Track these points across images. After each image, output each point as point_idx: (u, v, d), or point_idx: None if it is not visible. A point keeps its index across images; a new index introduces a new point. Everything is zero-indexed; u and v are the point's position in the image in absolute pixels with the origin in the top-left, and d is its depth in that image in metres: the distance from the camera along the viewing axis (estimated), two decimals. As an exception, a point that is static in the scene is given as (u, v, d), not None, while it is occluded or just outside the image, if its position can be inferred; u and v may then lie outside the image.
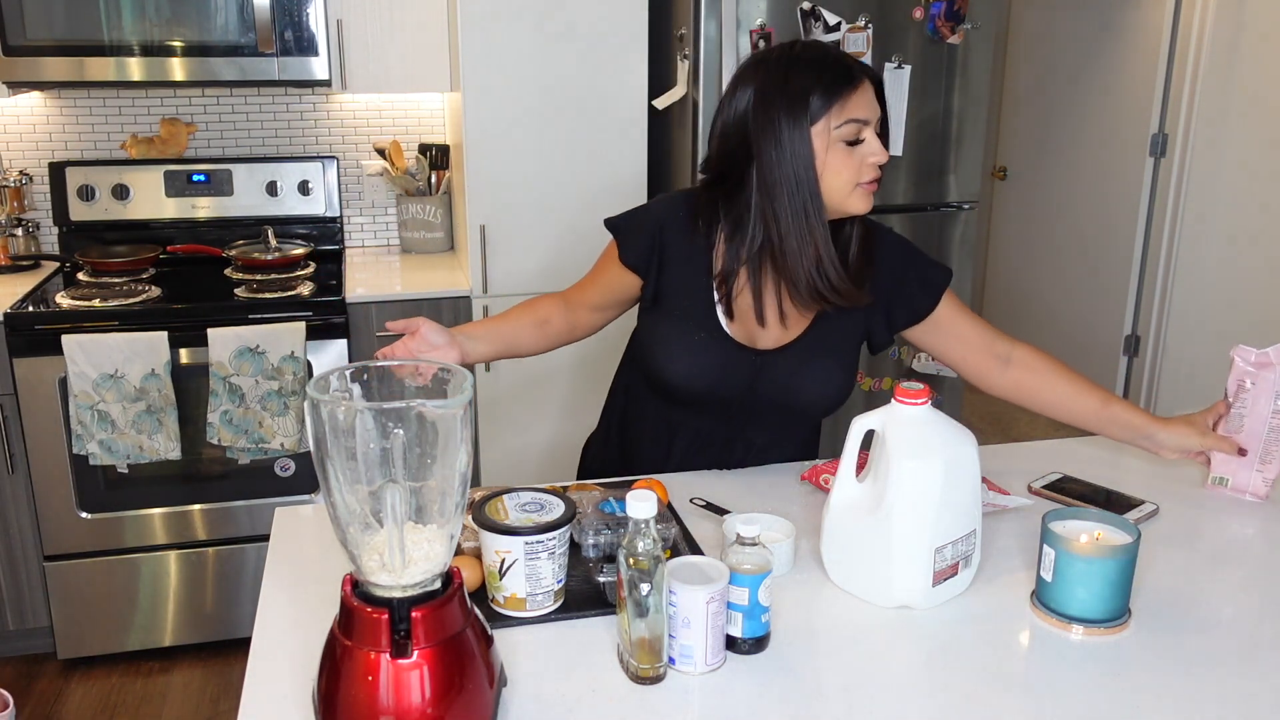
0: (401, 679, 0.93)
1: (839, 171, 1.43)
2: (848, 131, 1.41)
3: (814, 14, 2.59)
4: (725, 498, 1.50)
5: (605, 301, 1.63)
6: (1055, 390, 1.59)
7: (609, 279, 1.61)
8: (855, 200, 1.44)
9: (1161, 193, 4.00)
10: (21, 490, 2.55)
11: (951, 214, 2.88)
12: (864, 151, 1.42)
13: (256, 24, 2.62)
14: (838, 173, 1.43)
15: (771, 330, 1.54)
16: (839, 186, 1.43)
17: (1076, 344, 4.45)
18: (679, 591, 1.06)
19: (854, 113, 1.41)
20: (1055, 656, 1.14)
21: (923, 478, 1.17)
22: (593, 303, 1.64)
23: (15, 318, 2.45)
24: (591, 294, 1.63)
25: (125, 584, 2.63)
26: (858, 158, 1.42)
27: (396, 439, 0.90)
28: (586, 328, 1.67)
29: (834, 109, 1.40)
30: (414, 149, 3.15)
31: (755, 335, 1.54)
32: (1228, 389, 1.54)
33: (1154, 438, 1.56)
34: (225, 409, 2.52)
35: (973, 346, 1.62)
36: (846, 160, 1.42)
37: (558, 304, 1.65)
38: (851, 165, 1.42)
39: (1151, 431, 1.56)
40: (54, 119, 2.94)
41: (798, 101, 1.41)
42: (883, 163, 1.44)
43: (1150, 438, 1.56)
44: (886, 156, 1.44)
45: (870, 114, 1.43)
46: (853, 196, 1.44)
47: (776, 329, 1.54)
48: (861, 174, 1.43)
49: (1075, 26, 4.31)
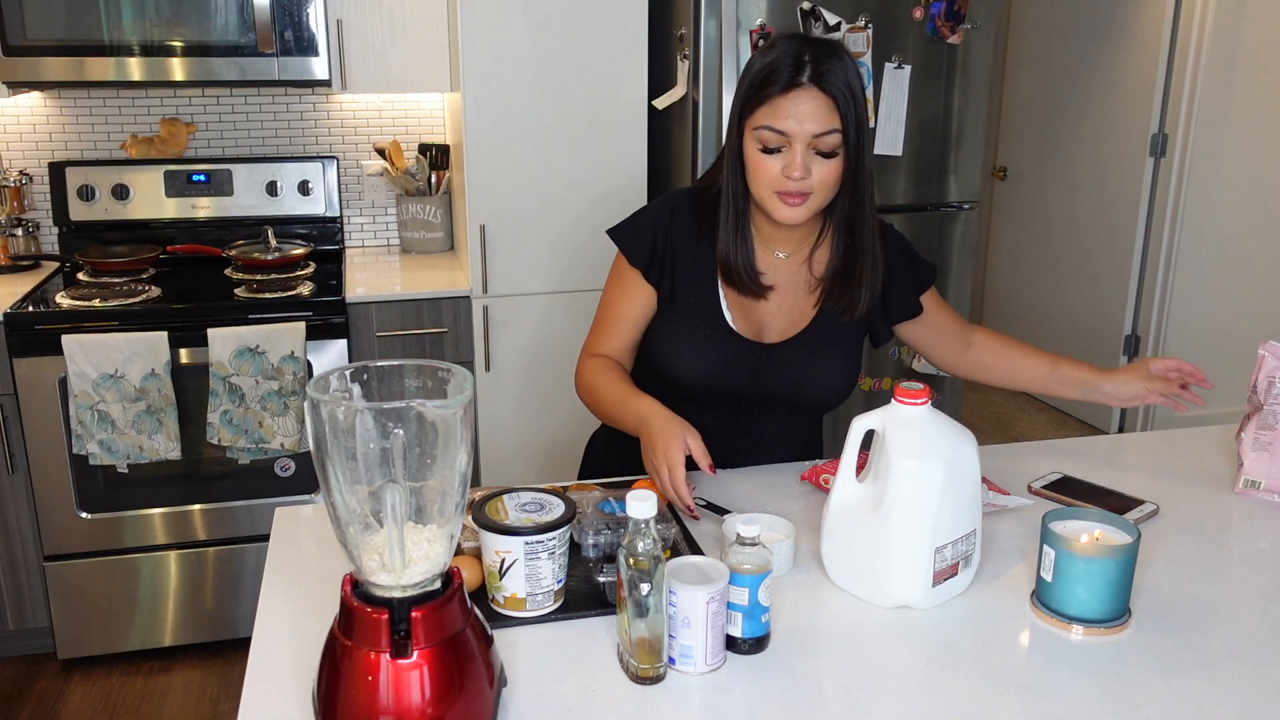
0: (401, 679, 0.93)
1: (754, 172, 1.42)
2: (763, 136, 1.39)
3: (814, 14, 2.59)
4: (725, 497, 1.50)
5: (639, 332, 1.60)
6: (1008, 362, 1.68)
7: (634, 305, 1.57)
8: (773, 206, 1.43)
9: (1161, 193, 4.00)
10: (21, 490, 2.55)
11: (951, 214, 2.88)
12: (783, 162, 1.39)
13: (256, 24, 2.62)
14: (754, 173, 1.42)
15: (776, 324, 1.55)
16: (757, 189, 1.43)
17: (1076, 344, 4.45)
18: (679, 591, 1.06)
19: (772, 119, 1.37)
20: (1055, 656, 1.14)
21: (923, 478, 1.17)
22: (631, 341, 1.60)
23: (15, 318, 2.45)
24: (625, 333, 1.59)
25: (125, 584, 2.63)
26: (775, 166, 1.39)
27: (396, 439, 0.90)
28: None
29: (759, 110, 1.39)
30: (414, 149, 3.15)
31: (762, 330, 1.55)
32: (1256, 385, 1.53)
33: (1101, 389, 1.62)
34: (225, 409, 2.52)
35: (947, 335, 1.69)
36: (763, 163, 1.40)
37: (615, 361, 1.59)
38: (767, 171, 1.40)
39: (1099, 384, 1.62)
40: (54, 119, 2.94)
41: (742, 87, 1.42)
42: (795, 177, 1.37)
43: (1098, 389, 1.62)
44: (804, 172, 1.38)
45: (794, 127, 1.36)
46: (770, 201, 1.42)
47: (782, 323, 1.55)
48: (780, 183, 1.40)
49: (1075, 26, 4.31)
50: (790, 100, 1.36)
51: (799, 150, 1.38)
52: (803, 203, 1.41)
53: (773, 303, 1.55)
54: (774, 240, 1.54)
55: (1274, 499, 1.52)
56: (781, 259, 1.55)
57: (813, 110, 1.36)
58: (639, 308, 1.58)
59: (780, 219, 1.44)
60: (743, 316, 1.55)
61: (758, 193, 1.44)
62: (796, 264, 1.56)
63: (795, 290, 1.56)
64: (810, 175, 1.39)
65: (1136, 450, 1.78)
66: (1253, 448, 1.53)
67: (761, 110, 1.38)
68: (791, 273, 1.56)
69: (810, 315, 1.56)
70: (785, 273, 1.55)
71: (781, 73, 1.37)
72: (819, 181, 1.40)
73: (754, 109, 1.39)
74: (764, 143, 1.39)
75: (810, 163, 1.39)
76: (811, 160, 1.39)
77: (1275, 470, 1.52)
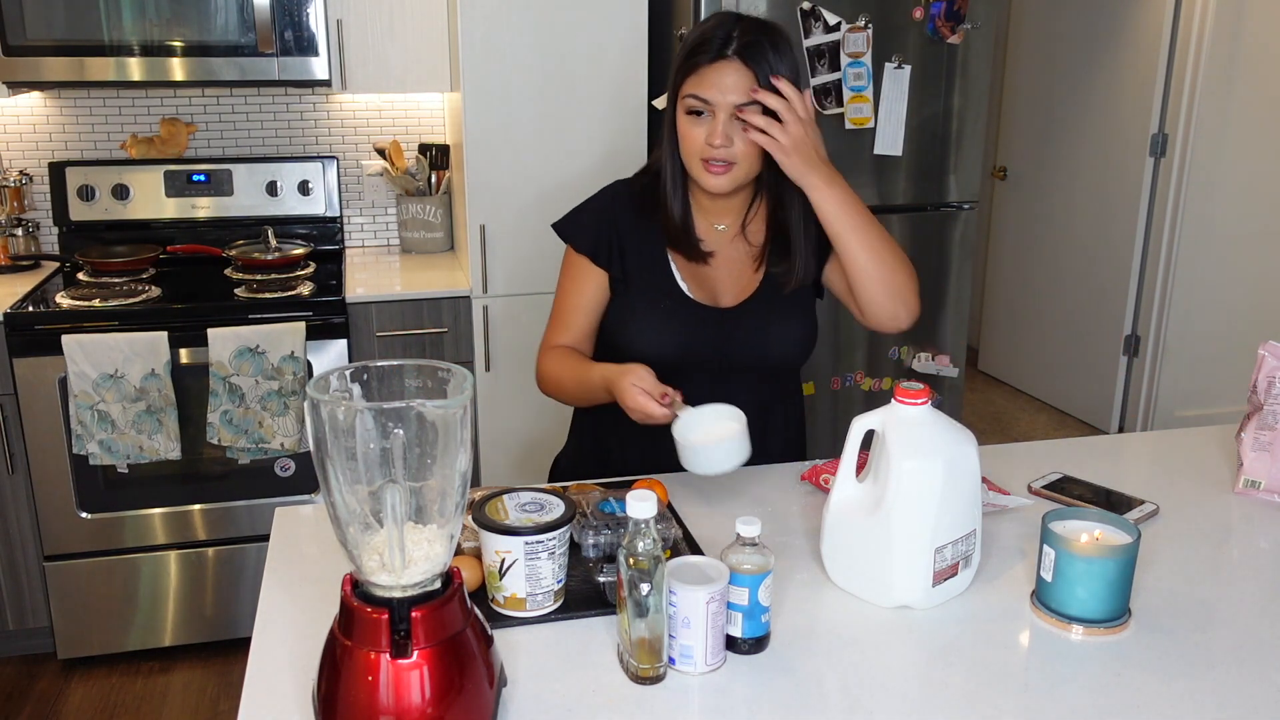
0: (401, 679, 0.93)
1: (683, 141, 1.50)
2: (689, 104, 1.47)
3: (814, 14, 2.59)
4: (725, 497, 1.50)
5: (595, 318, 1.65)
6: None
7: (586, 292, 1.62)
8: (699, 174, 1.50)
9: (1161, 193, 4.00)
10: (21, 490, 2.55)
11: (951, 214, 2.88)
12: (707, 130, 1.46)
13: (256, 24, 2.62)
14: (684, 141, 1.50)
15: (728, 290, 1.61)
16: (686, 156, 1.51)
17: (1076, 344, 4.45)
18: (679, 591, 1.06)
19: (698, 89, 1.45)
20: (1055, 656, 1.14)
21: (923, 478, 1.17)
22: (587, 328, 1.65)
23: (15, 318, 2.45)
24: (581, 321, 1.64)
25: (125, 584, 2.63)
26: (700, 133, 1.47)
27: (396, 439, 0.90)
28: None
29: (686, 80, 1.46)
30: (414, 149, 3.15)
31: (717, 296, 1.61)
32: (1256, 385, 1.53)
33: None
34: (225, 409, 2.52)
35: None
36: (690, 131, 1.48)
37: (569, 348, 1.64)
38: (693, 138, 1.48)
39: None
40: (54, 119, 2.94)
41: (677, 60, 1.49)
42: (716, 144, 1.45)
43: None
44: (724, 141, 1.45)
45: (717, 95, 1.44)
46: (697, 169, 1.50)
47: (733, 288, 1.61)
48: (704, 150, 1.47)
49: (1075, 26, 4.31)
50: (715, 71, 1.44)
51: (721, 119, 1.45)
52: (725, 171, 1.48)
53: (720, 270, 1.61)
54: (711, 212, 1.60)
55: (1274, 499, 1.52)
56: (720, 230, 1.61)
57: (735, 82, 1.43)
58: (591, 293, 1.62)
59: (706, 187, 1.51)
60: (697, 285, 1.60)
61: (686, 160, 1.52)
62: (733, 235, 1.62)
63: (739, 260, 1.62)
64: (732, 144, 1.46)
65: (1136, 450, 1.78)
66: (1253, 448, 1.53)
67: (690, 80, 1.46)
68: (729, 243, 1.62)
69: (758, 281, 1.62)
70: (725, 243, 1.62)
71: (711, 44, 1.45)
72: (741, 152, 1.47)
73: (683, 78, 1.47)
74: (689, 110, 1.48)
75: (732, 132, 1.46)
76: (734, 130, 1.46)
77: (1275, 470, 1.52)
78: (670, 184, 1.56)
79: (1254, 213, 4.04)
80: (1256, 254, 4.09)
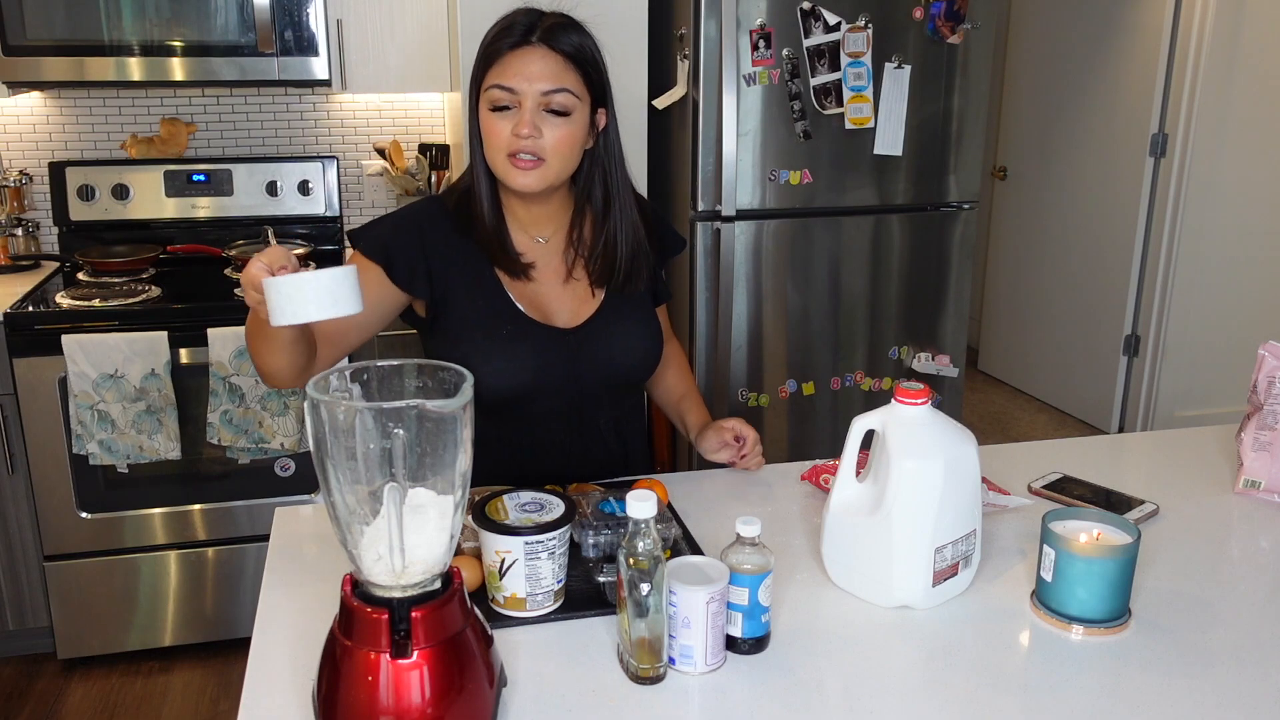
0: (401, 679, 0.93)
1: (488, 136, 1.40)
2: (493, 96, 1.38)
3: (814, 14, 2.59)
4: (725, 498, 1.50)
5: (347, 328, 1.42)
6: (664, 379, 1.72)
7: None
8: (506, 172, 1.40)
9: (1161, 193, 4.00)
10: (21, 490, 2.55)
11: (951, 214, 2.88)
12: (513, 122, 1.38)
13: (256, 24, 2.62)
14: (487, 137, 1.41)
15: (565, 308, 1.52)
16: (492, 154, 1.41)
17: (1076, 344, 4.45)
18: (679, 591, 1.06)
19: (501, 78, 1.37)
20: (1055, 656, 1.14)
21: (923, 478, 1.17)
22: (328, 332, 1.40)
23: (15, 318, 2.45)
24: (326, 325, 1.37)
25: (125, 584, 2.64)
26: (506, 127, 1.38)
27: (396, 439, 0.90)
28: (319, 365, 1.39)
29: (489, 70, 1.39)
30: (414, 149, 3.15)
31: (551, 315, 1.51)
32: (1256, 385, 1.53)
33: (694, 437, 1.64)
34: (225, 409, 2.52)
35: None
36: (494, 126, 1.39)
37: None
38: (498, 133, 1.39)
39: (695, 433, 1.64)
40: (54, 119, 2.94)
41: (479, 54, 1.41)
42: (523, 135, 1.36)
43: (694, 436, 1.64)
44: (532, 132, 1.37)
45: (524, 84, 1.36)
46: (503, 167, 1.41)
47: (572, 304, 1.52)
48: (512, 144, 1.38)
49: (1075, 26, 4.31)
50: (519, 58, 1.37)
51: (529, 108, 1.37)
52: (534, 166, 1.39)
53: (548, 286, 1.52)
54: (528, 222, 1.51)
55: (1274, 499, 1.52)
56: (542, 244, 1.52)
57: (542, 69, 1.37)
58: (370, 305, 1.36)
59: (515, 186, 1.41)
60: (530, 306, 1.50)
61: (492, 159, 1.42)
62: (560, 247, 1.54)
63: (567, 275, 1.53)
64: (541, 136, 1.38)
65: (1136, 450, 1.78)
66: (1253, 448, 1.53)
67: (492, 70, 1.39)
68: (556, 256, 1.53)
69: (599, 298, 1.54)
70: (551, 256, 1.53)
71: (513, 32, 1.39)
72: (551, 145, 1.39)
73: (485, 69, 1.40)
74: (494, 102, 1.38)
75: (541, 123, 1.38)
76: (543, 120, 1.38)
77: (1275, 470, 1.52)
78: (483, 191, 1.45)
79: (1254, 213, 4.04)
80: (1256, 254, 4.09)
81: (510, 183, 1.42)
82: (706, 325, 2.71)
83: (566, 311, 1.52)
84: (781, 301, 2.75)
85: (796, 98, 2.63)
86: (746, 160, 2.64)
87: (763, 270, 2.72)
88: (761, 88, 2.60)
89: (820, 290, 2.77)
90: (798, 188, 2.70)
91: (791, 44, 2.60)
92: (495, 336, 1.47)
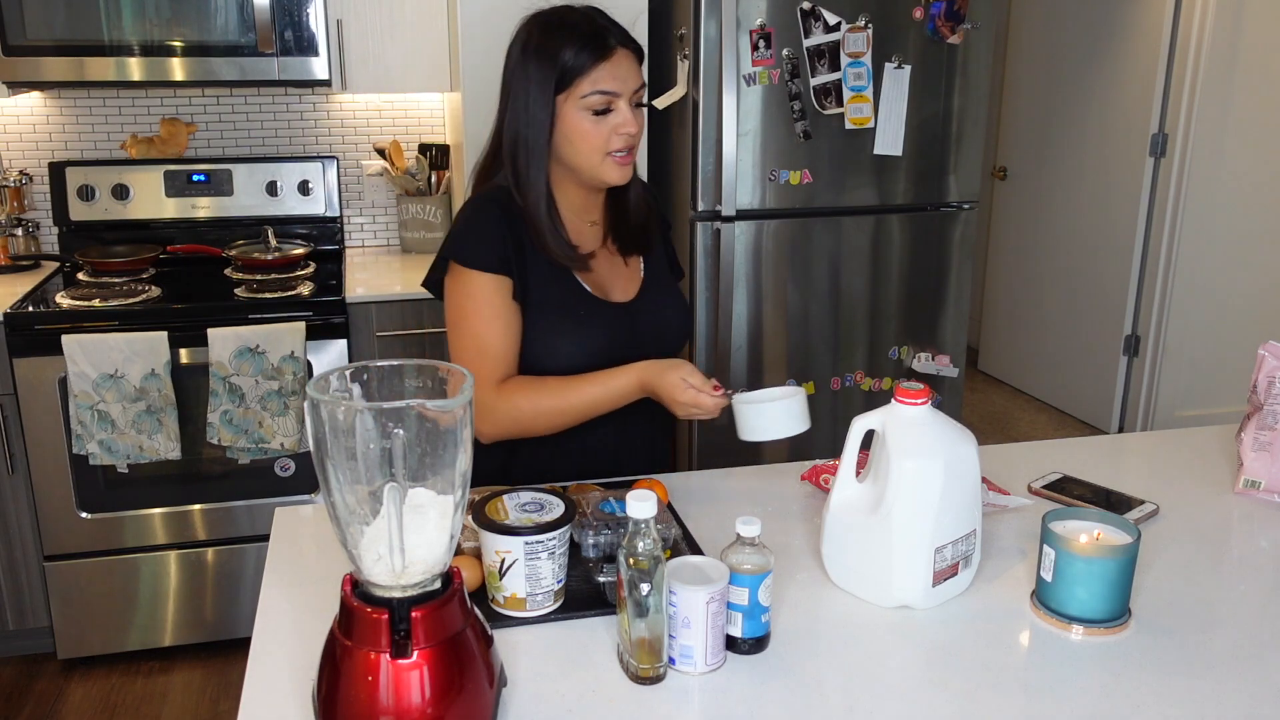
0: (401, 679, 0.93)
1: (586, 139, 1.48)
2: (595, 101, 1.46)
3: (814, 14, 2.59)
4: (725, 498, 1.50)
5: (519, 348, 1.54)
6: None
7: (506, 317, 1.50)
8: (607, 170, 1.50)
9: (1161, 193, 4.00)
10: (21, 490, 2.55)
11: (951, 214, 2.88)
12: (614, 121, 1.47)
13: (256, 24, 2.62)
14: (585, 140, 1.48)
15: (615, 282, 1.61)
16: (587, 154, 1.49)
17: (1077, 344, 4.45)
18: (679, 591, 1.06)
19: (602, 83, 1.45)
20: (1055, 656, 1.14)
21: (923, 478, 1.17)
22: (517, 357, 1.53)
23: (15, 318, 2.45)
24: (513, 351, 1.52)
25: (125, 584, 2.63)
26: (607, 127, 1.47)
27: (396, 439, 0.90)
28: None
29: (583, 78, 1.45)
30: (414, 149, 3.15)
31: (610, 293, 1.60)
32: (1256, 385, 1.53)
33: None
34: (225, 409, 2.52)
35: None
36: (595, 129, 1.47)
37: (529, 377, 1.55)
38: (600, 134, 1.47)
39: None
40: (54, 119, 2.94)
41: (547, 65, 1.46)
42: (632, 132, 1.48)
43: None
44: (637, 127, 1.48)
45: (621, 86, 1.47)
46: (603, 166, 1.50)
47: (619, 279, 1.61)
48: (611, 143, 1.48)
49: (1075, 26, 4.31)
50: (613, 64, 1.46)
51: (626, 106, 1.48)
52: (632, 157, 1.52)
53: (603, 265, 1.60)
54: (583, 211, 1.60)
55: (1274, 499, 1.52)
56: (593, 226, 1.61)
57: (629, 69, 1.48)
58: (513, 318, 1.51)
59: (613, 180, 1.52)
60: (596, 286, 1.58)
61: (588, 159, 1.49)
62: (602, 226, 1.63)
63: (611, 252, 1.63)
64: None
65: (1136, 450, 1.78)
66: (1253, 448, 1.53)
67: (586, 78, 1.46)
68: (599, 235, 1.63)
69: (638, 269, 1.64)
70: (598, 239, 1.62)
71: (597, 41, 1.46)
72: (639, 135, 1.52)
73: (574, 80, 1.46)
74: (594, 107, 1.46)
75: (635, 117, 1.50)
76: (634, 115, 1.50)
77: (1275, 470, 1.52)
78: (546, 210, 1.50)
79: (1254, 213, 4.04)
80: (1256, 254, 4.09)
81: (607, 178, 1.51)
82: (706, 325, 2.71)
83: (619, 288, 1.61)
84: (781, 301, 2.75)
85: (796, 98, 2.63)
86: (746, 160, 2.64)
87: (763, 270, 2.72)
88: (761, 88, 2.60)
89: (820, 290, 2.77)
90: (798, 188, 2.70)
91: (791, 44, 2.60)
92: (570, 318, 1.55)
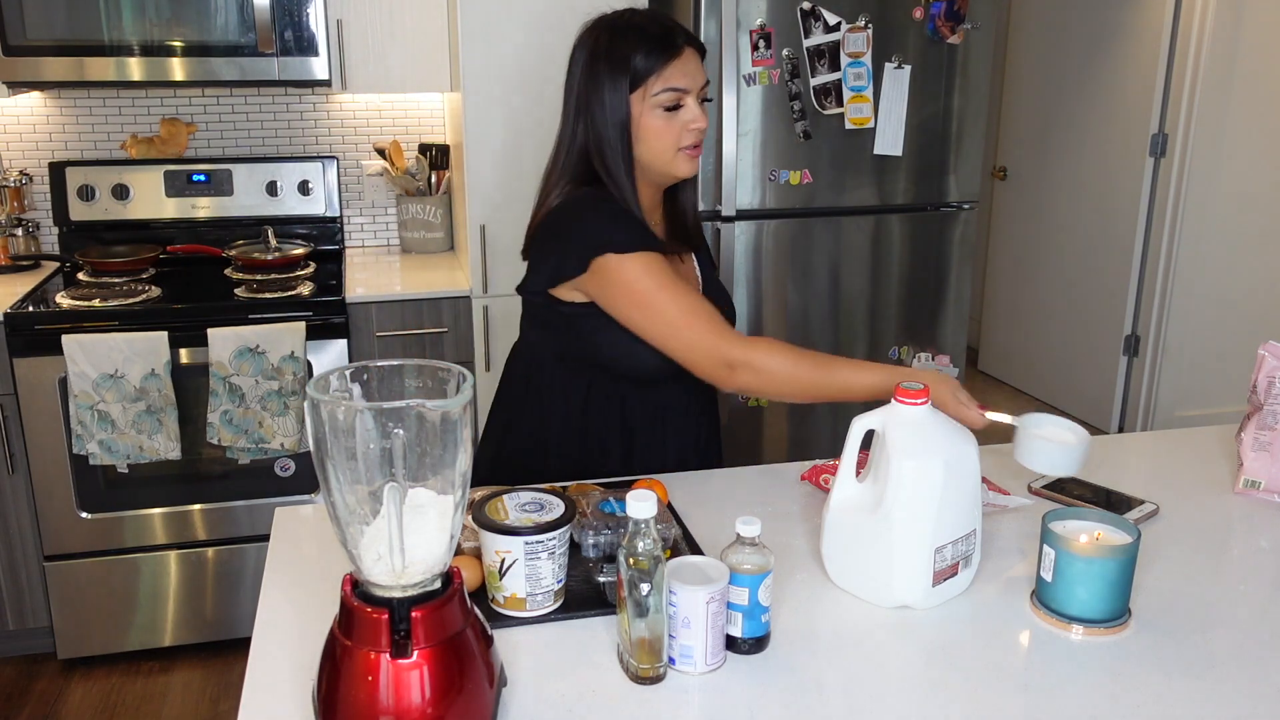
0: (401, 679, 0.93)
1: (659, 136, 1.52)
2: (666, 99, 1.50)
3: (814, 14, 2.59)
4: (725, 498, 1.50)
5: None
6: None
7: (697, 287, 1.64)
8: (679, 164, 1.54)
9: (1161, 193, 4.00)
10: (21, 490, 2.55)
11: (951, 214, 2.88)
12: (684, 118, 1.51)
13: (256, 24, 2.62)
14: (658, 137, 1.52)
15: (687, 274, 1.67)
16: (660, 151, 1.53)
17: (1076, 344, 4.45)
18: (679, 591, 1.06)
19: (673, 81, 1.50)
20: (1055, 656, 1.14)
21: (923, 478, 1.17)
22: None
23: (15, 318, 2.45)
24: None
25: (125, 584, 2.64)
26: (678, 124, 1.51)
27: (396, 439, 0.90)
28: None
29: (653, 77, 1.50)
30: (414, 149, 3.15)
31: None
32: (1256, 385, 1.53)
33: None
34: (225, 409, 2.52)
35: None
36: (667, 126, 1.51)
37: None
38: (672, 131, 1.51)
39: None
40: (54, 119, 2.94)
41: (619, 67, 1.50)
42: (702, 127, 1.53)
43: None
44: (705, 122, 1.53)
45: (690, 83, 1.51)
46: (675, 161, 1.54)
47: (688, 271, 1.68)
48: (682, 139, 1.52)
49: (1075, 26, 4.31)
50: (682, 61, 1.51)
51: (695, 102, 1.52)
52: (699, 151, 1.56)
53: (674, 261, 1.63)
54: (651, 209, 1.63)
55: (1274, 499, 1.52)
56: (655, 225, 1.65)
57: (696, 66, 1.53)
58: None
59: (685, 174, 1.57)
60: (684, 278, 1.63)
61: (659, 157, 1.53)
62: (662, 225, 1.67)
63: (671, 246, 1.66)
64: None
65: (1136, 450, 1.78)
66: (1253, 448, 1.53)
67: (658, 77, 1.50)
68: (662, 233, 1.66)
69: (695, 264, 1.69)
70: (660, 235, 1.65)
71: (663, 41, 1.50)
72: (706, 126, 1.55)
73: (646, 79, 1.50)
74: (666, 104, 1.51)
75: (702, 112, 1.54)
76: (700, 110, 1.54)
77: (1275, 470, 1.52)
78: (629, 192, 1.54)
79: (1254, 213, 4.04)
80: (1256, 254, 4.09)
81: (679, 172, 1.56)
82: (706, 325, 2.71)
83: (688, 280, 1.65)
84: (781, 301, 2.75)
85: (796, 98, 2.63)
86: (746, 160, 2.64)
87: (763, 270, 2.72)
88: (761, 88, 2.61)
89: (820, 290, 2.78)
90: (798, 188, 2.70)
91: (791, 44, 2.60)
92: None
